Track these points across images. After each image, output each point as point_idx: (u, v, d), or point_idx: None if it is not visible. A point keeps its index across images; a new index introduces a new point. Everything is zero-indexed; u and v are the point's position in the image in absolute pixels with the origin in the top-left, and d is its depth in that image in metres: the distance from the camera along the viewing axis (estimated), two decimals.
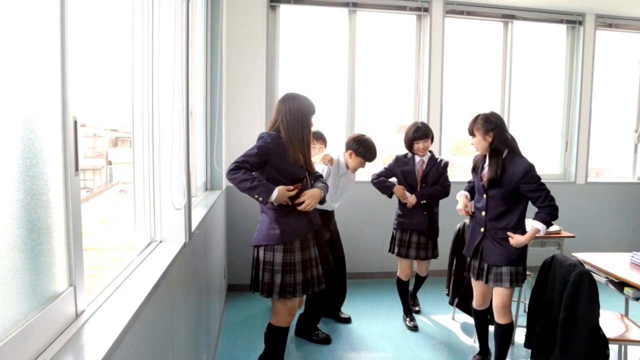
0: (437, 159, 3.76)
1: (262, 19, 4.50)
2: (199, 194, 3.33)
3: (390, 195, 3.78)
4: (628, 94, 5.67)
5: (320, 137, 3.82)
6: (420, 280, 4.08)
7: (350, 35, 4.87)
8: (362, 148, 3.42)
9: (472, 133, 2.93)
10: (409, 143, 3.69)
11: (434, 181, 3.70)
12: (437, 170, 3.71)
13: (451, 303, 3.88)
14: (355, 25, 4.87)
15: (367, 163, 3.50)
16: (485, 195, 2.89)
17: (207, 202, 3.26)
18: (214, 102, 3.73)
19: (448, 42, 4.99)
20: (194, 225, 2.29)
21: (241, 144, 4.38)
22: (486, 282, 2.92)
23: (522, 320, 3.81)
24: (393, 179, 3.83)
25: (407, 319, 3.90)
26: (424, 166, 3.71)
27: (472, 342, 3.57)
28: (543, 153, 5.49)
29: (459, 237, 3.72)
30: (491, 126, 2.82)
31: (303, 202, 2.54)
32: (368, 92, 5.02)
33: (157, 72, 1.95)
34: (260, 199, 2.44)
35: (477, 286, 3.09)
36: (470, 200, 3.20)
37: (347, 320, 3.93)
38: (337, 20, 4.89)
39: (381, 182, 3.80)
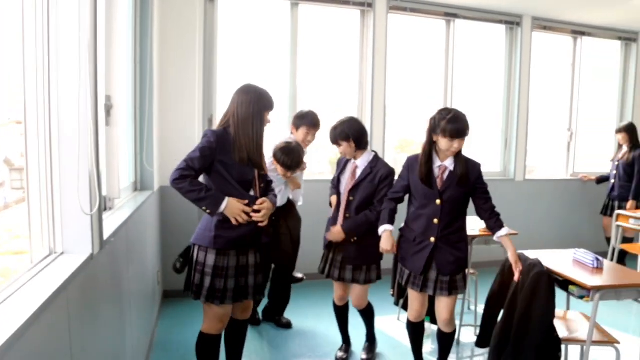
0: (375, 165, 2.91)
1: (199, 10, 4.22)
2: (125, 195, 3.04)
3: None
4: (561, 94, 5.85)
5: (314, 125, 3.53)
6: (364, 318, 3.23)
7: (293, 30, 4.70)
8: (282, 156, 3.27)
9: (464, 134, 2.57)
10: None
11: (365, 197, 2.88)
12: (372, 182, 2.87)
13: (396, 303, 3.78)
14: (298, 19, 4.70)
15: (285, 170, 3.31)
16: (439, 201, 2.62)
17: (134, 204, 2.98)
18: (144, 96, 3.45)
19: (392, 38, 4.92)
20: (108, 233, 2.02)
21: (176, 142, 4.12)
22: (434, 292, 2.68)
23: (468, 318, 3.80)
24: None
25: (340, 350, 3.31)
26: (357, 172, 2.93)
27: None
28: (484, 151, 5.55)
29: None
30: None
31: (259, 212, 2.38)
32: (311, 89, 4.87)
33: (56, 56, 1.66)
34: (208, 211, 2.29)
35: (418, 298, 2.78)
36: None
37: (288, 325, 3.77)
38: (279, 13, 4.70)
39: (331, 190, 3.21)
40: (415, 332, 2.92)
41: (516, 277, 2.58)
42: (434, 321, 3.41)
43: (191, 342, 3.36)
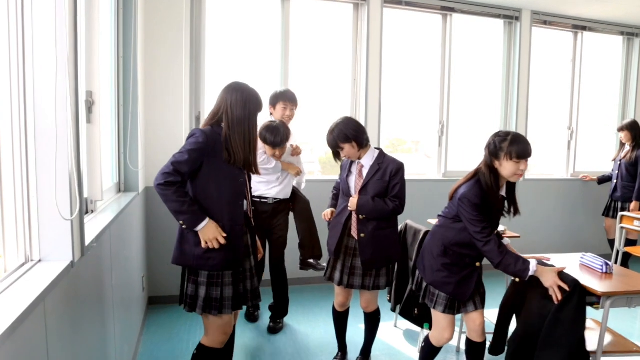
0: (382, 162, 2.76)
1: (186, 3, 4.03)
2: (108, 197, 2.87)
3: None
4: (562, 91, 5.72)
5: (291, 99, 3.58)
6: (368, 323, 3.05)
7: (284, 25, 4.53)
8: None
9: (530, 154, 2.36)
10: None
11: (375, 195, 2.73)
12: (383, 179, 2.73)
13: (393, 310, 3.63)
14: (289, 14, 4.53)
15: (271, 147, 3.35)
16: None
17: (117, 206, 2.82)
18: (127, 93, 3.27)
19: (387, 34, 4.77)
20: (90, 238, 1.90)
21: (162, 140, 3.96)
22: (475, 307, 2.52)
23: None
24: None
25: (335, 359, 3.19)
26: (364, 172, 2.79)
27: (415, 351, 3.34)
28: (481, 150, 5.38)
29: (401, 240, 3.47)
30: None
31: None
32: (303, 86, 4.70)
33: (31, 49, 1.53)
34: (184, 226, 2.17)
35: (452, 321, 2.57)
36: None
37: (274, 330, 3.64)
38: (269, 8, 4.53)
39: (331, 199, 3.11)
40: (434, 356, 2.70)
41: None
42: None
43: (178, 351, 3.24)
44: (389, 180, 2.73)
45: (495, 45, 5.35)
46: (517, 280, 2.47)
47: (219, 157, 2.19)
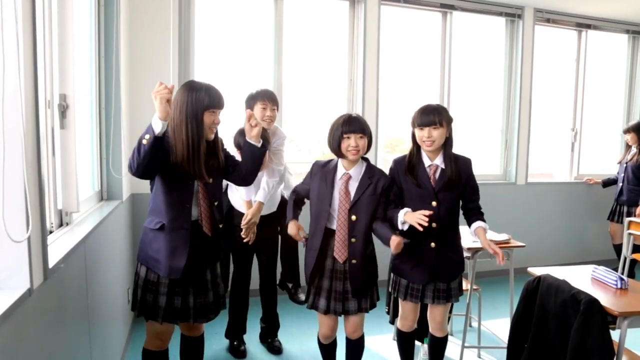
0: (373, 174, 2.44)
1: (173, 1, 3.85)
2: (87, 207, 2.69)
3: None
4: (565, 92, 5.57)
5: (270, 97, 3.10)
6: (352, 352, 2.64)
7: (277, 24, 4.34)
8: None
9: (438, 124, 2.37)
10: (337, 141, 2.39)
11: (371, 214, 2.39)
12: (374, 194, 2.40)
13: (392, 322, 3.46)
14: (282, 12, 4.34)
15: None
16: (435, 202, 2.41)
17: (98, 216, 2.64)
18: (109, 95, 3.07)
19: (384, 32, 4.59)
20: (58, 256, 1.72)
21: None
22: (432, 301, 2.53)
23: (470, 338, 3.48)
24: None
25: None
26: (351, 187, 2.41)
27: None
28: (483, 152, 5.25)
29: None
30: (450, 116, 2.47)
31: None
32: (298, 87, 4.52)
33: None
34: (147, 136, 2.03)
35: (414, 309, 2.64)
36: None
37: (278, 351, 3.39)
38: (262, 4, 4.34)
39: (289, 205, 2.64)
40: (408, 342, 2.77)
41: (498, 260, 2.37)
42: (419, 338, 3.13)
43: None
44: (379, 196, 2.42)
45: (497, 44, 5.19)
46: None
47: (167, 162, 2.09)
